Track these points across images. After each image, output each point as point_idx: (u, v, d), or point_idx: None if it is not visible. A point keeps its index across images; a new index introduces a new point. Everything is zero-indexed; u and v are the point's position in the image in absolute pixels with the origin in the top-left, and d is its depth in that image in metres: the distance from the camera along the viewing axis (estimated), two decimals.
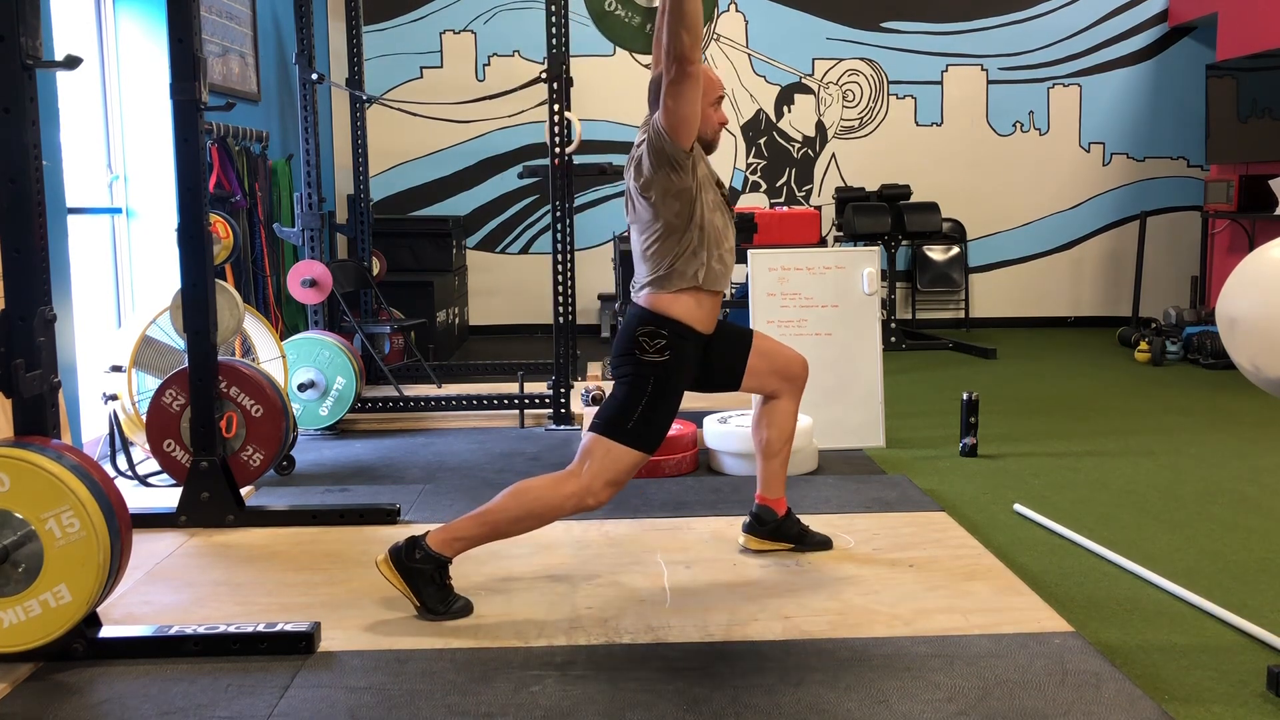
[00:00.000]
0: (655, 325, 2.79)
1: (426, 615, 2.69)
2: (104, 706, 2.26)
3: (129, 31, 4.96)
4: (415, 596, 2.70)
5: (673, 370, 2.79)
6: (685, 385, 2.87)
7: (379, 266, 6.74)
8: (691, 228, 2.78)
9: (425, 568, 2.69)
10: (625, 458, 2.75)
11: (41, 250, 2.48)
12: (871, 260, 4.56)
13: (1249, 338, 2.25)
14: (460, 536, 2.72)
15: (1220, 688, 2.33)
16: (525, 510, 2.71)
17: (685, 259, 2.78)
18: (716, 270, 2.84)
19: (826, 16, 8.17)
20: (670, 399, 2.81)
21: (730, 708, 2.22)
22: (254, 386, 3.69)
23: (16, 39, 2.39)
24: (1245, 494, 3.81)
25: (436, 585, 2.71)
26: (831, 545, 3.18)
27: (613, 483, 2.75)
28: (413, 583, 2.70)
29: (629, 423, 2.75)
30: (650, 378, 2.78)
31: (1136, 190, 8.33)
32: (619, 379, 2.83)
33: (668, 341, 2.78)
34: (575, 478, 2.73)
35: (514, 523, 2.73)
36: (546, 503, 2.71)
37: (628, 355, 2.81)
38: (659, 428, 2.80)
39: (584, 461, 2.75)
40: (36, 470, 2.35)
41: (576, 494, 2.72)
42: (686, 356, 2.84)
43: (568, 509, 2.73)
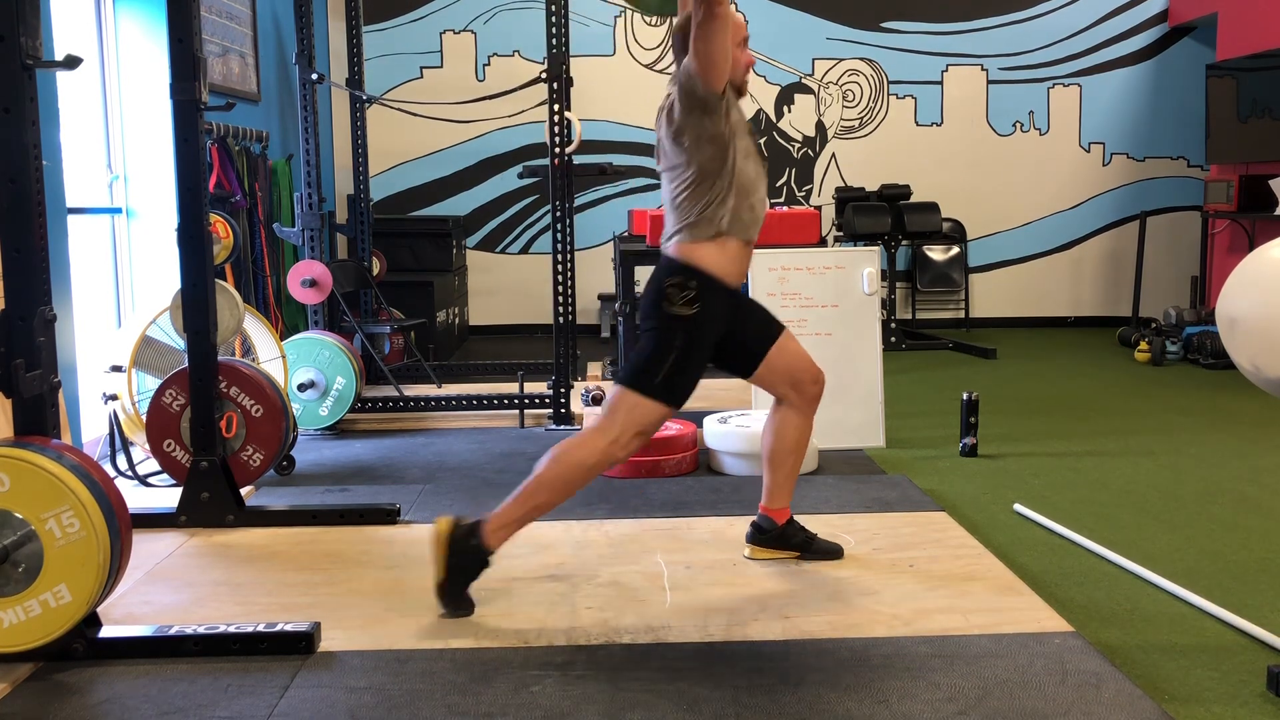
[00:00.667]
0: (684, 276, 2.74)
1: (441, 598, 2.68)
2: (104, 706, 2.26)
3: (129, 31, 4.96)
4: (445, 576, 2.68)
5: (703, 323, 2.75)
6: (715, 338, 2.82)
7: (379, 266, 6.74)
8: (724, 174, 2.73)
9: (473, 559, 2.69)
10: (652, 412, 2.73)
11: (41, 250, 2.48)
12: (871, 260, 4.56)
13: (1249, 338, 2.25)
14: (506, 523, 2.71)
15: (1220, 688, 2.33)
16: (560, 478, 2.70)
17: (715, 206, 2.73)
18: (746, 219, 2.79)
19: (826, 16, 8.17)
20: (700, 353, 2.77)
21: (730, 708, 2.22)
22: (254, 386, 3.69)
23: (16, 39, 2.39)
24: (1245, 494, 3.81)
25: (466, 580, 2.70)
26: (842, 554, 3.12)
27: (640, 434, 2.74)
28: (453, 562, 2.68)
29: (656, 377, 2.72)
30: (679, 331, 2.73)
31: (1136, 190, 8.33)
32: (646, 331, 2.78)
33: (696, 293, 2.73)
34: (603, 433, 2.72)
35: (550, 490, 2.71)
36: (578, 464, 2.70)
37: (655, 308, 2.76)
38: (687, 382, 2.77)
39: (611, 416, 2.73)
40: (36, 470, 2.35)
41: (605, 448, 2.71)
42: (716, 309, 2.78)
43: (598, 468, 2.72)
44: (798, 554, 3.10)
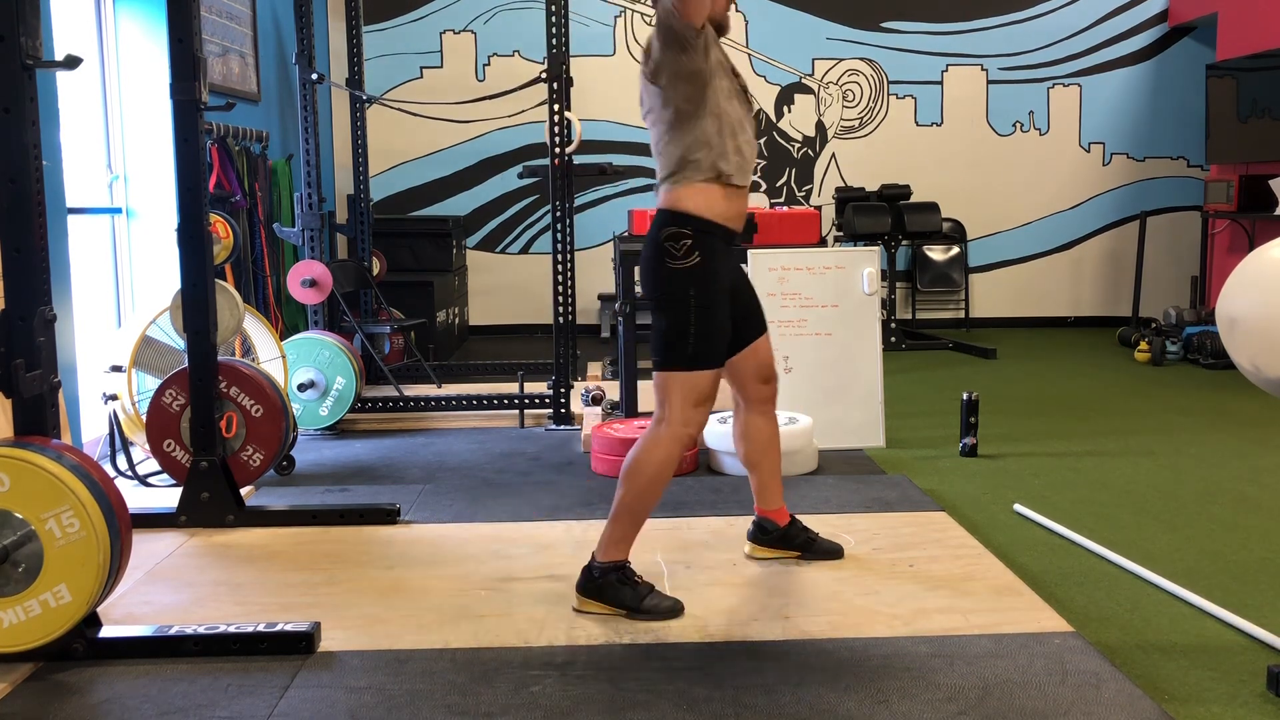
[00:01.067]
0: (678, 225, 2.66)
1: (640, 616, 2.66)
2: (104, 706, 2.26)
3: (129, 31, 4.96)
4: (618, 606, 2.68)
5: (709, 272, 2.67)
6: (727, 285, 2.74)
7: (379, 266, 6.74)
8: (705, 114, 2.64)
9: (609, 579, 2.69)
10: (701, 380, 2.68)
11: (41, 250, 2.48)
12: (871, 260, 4.56)
13: (1249, 338, 2.24)
14: (610, 538, 2.72)
15: (1220, 688, 2.33)
16: (643, 478, 2.68)
17: (701, 148, 2.65)
18: (734, 160, 2.69)
19: (826, 16, 8.17)
20: (718, 300, 2.69)
21: (730, 708, 2.22)
22: (254, 386, 3.69)
23: (16, 39, 2.39)
24: (1245, 494, 3.81)
25: (629, 587, 2.69)
26: (843, 554, 3.11)
27: (699, 404, 2.69)
28: (606, 597, 2.69)
29: (688, 346, 2.66)
30: (689, 287, 2.65)
31: (1136, 190, 8.33)
32: (656, 304, 2.70)
33: (694, 241, 2.65)
34: (664, 424, 2.69)
35: (641, 494, 2.69)
36: (655, 460, 2.68)
37: (657, 272, 2.68)
38: (719, 335, 2.70)
39: (663, 405, 2.69)
40: (36, 470, 2.35)
41: (674, 438, 2.68)
42: (718, 254, 2.69)
43: (674, 454, 2.68)
44: (799, 554, 3.09)
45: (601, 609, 2.70)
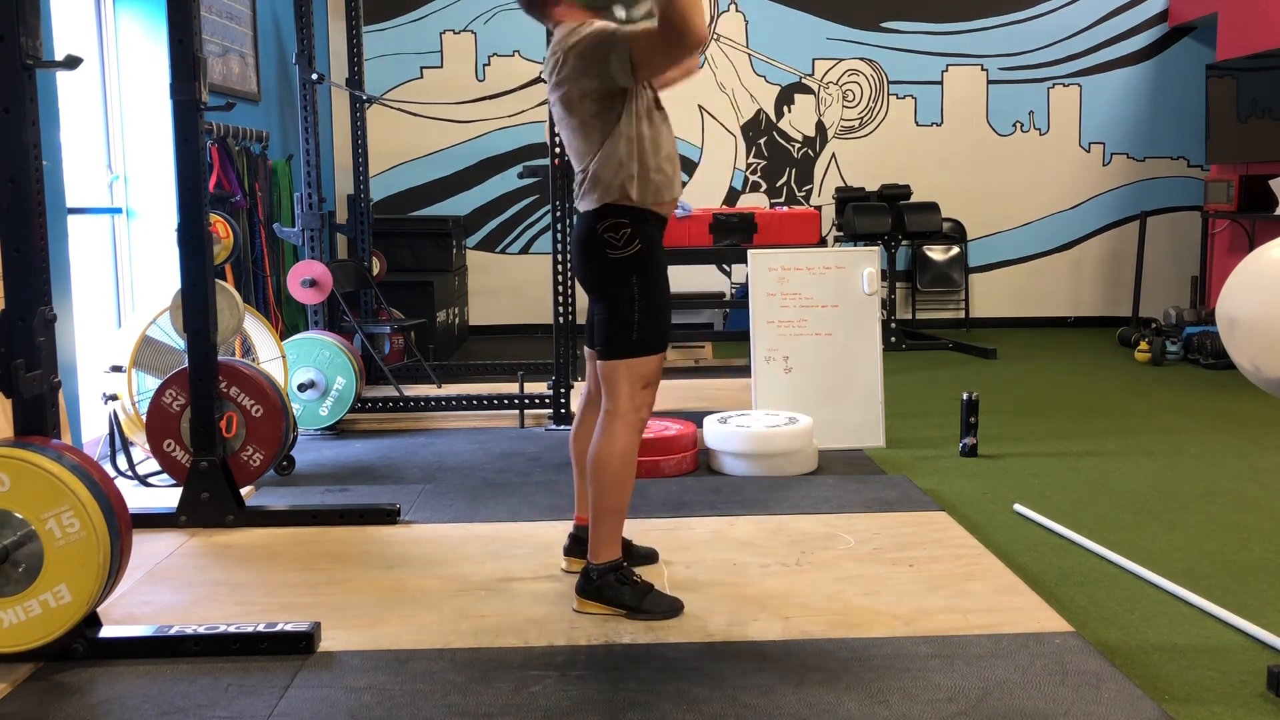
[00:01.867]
0: (613, 216, 2.65)
1: (639, 616, 2.67)
2: (104, 706, 2.26)
3: (129, 31, 4.96)
4: (617, 606, 2.70)
5: (649, 258, 2.69)
6: (666, 266, 2.75)
7: (379, 266, 6.74)
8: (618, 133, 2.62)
9: (606, 579, 2.71)
10: (646, 366, 2.70)
11: (41, 250, 2.48)
12: (871, 260, 4.56)
13: (1249, 338, 2.24)
14: (599, 539, 2.73)
15: (1220, 688, 2.33)
16: (612, 473, 2.70)
17: (616, 167, 2.63)
18: (656, 180, 2.67)
19: (826, 16, 8.17)
20: (660, 286, 2.71)
21: (730, 708, 2.22)
22: (254, 386, 3.69)
23: (16, 39, 2.39)
24: (1245, 494, 3.81)
25: (629, 587, 2.71)
26: (657, 559, 3.07)
27: (645, 388, 2.72)
28: (606, 597, 2.71)
29: (632, 334, 2.68)
30: (631, 274, 2.67)
31: (1136, 190, 8.33)
32: (598, 299, 2.71)
33: (633, 229, 2.66)
34: (614, 413, 2.71)
35: (616, 492, 2.71)
36: (617, 452, 2.69)
37: (598, 266, 2.68)
38: (664, 322, 2.72)
39: (611, 392, 2.71)
40: (36, 470, 2.35)
41: (628, 425, 2.70)
42: (656, 240, 2.71)
43: (633, 441, 2.71)
44: None
45: (601, 609, 2.71)
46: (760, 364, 4.53)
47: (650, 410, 2.77)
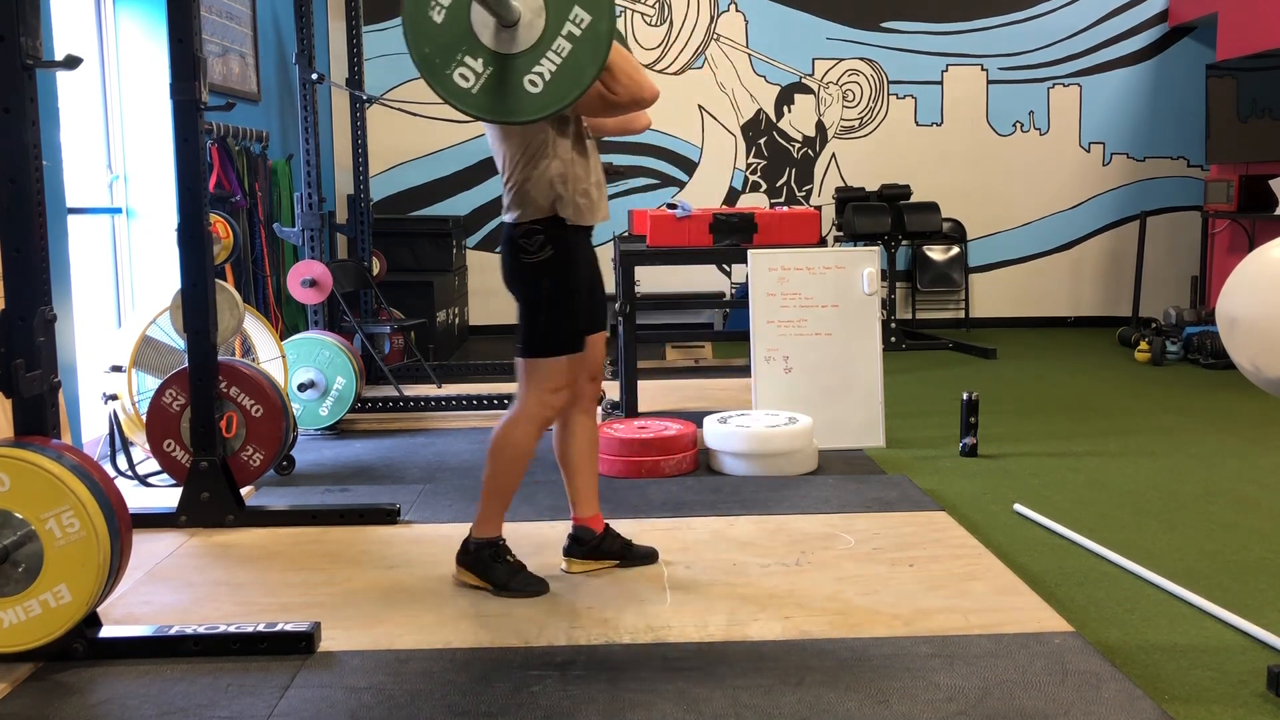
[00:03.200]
0: (529, 224, 2.76)
1: (504, 594, 2.82)
2: (104, 706, 2.26)
3: (129, 31, 4.96)
4: (487, 581, 2.86)
5: (562, 263, 2.79)
6: (585, 278, 2.85)
7: (379, 266, 6.74)
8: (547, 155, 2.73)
9: (482, 554, 2.87)
10: (556, 366, 2.83)
11: (41, 250, 2.48)
12: (871, 260, 4.56)
13: (1249, 338, 2.24)
14: (482, 515, 2.90)
15: (1220, 688, 2.33)
16: (503, 457, 2.86)
17: (545, 189, 2.74)
18: (581, 204, 2.79)
19: (826, 16, 8.17)
20: (574, 293, 2.81)
21: (730, 708, 2.22)
22: (254, 386, 3.69)
23: (16, 39, 2.39)
24: (1245, 494, 3.81)
25: (501, 563, 2.87)
26: (657, 558, 3.10)
27: (555, 389, 2.85)
28: (478, 570, 2.87)
29: (544, 336, 2.81)
30: (544, 278, 2.78)
31: (1136, 190, 8.33)
32: (519, 299, 2.83)
33: (545, 236, 2.76)
34: (521, 405, 2.85)
35: (502, 473, 2.87)
36: (512, 440, 2.85)
37: (514, 269, 2.80)
38: (574, 326, 2.83)
39: (523, 386, 2.86)
40: (36, 470, 2.35)
41: (529, 419, 2.84)
42: (574, 249, 2.82)
43: (530, 433, 2.85)
44: (617, 562, 3.05)
45: (474, 580, 2.88)
46: (760, 364, 4.53)
47: (556, 412, 2.90)
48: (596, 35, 2.46)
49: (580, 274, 2.85)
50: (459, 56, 2.48)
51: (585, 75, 2.49)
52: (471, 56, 2.49)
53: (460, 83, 2.50)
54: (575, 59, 2.47)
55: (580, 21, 2.46)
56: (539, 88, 2.49)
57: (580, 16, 2.46)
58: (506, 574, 2.85)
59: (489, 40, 2.48)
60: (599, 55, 2.48)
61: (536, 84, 2.49)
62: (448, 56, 2.48)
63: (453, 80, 2.49)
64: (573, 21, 2.46)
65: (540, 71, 2.48)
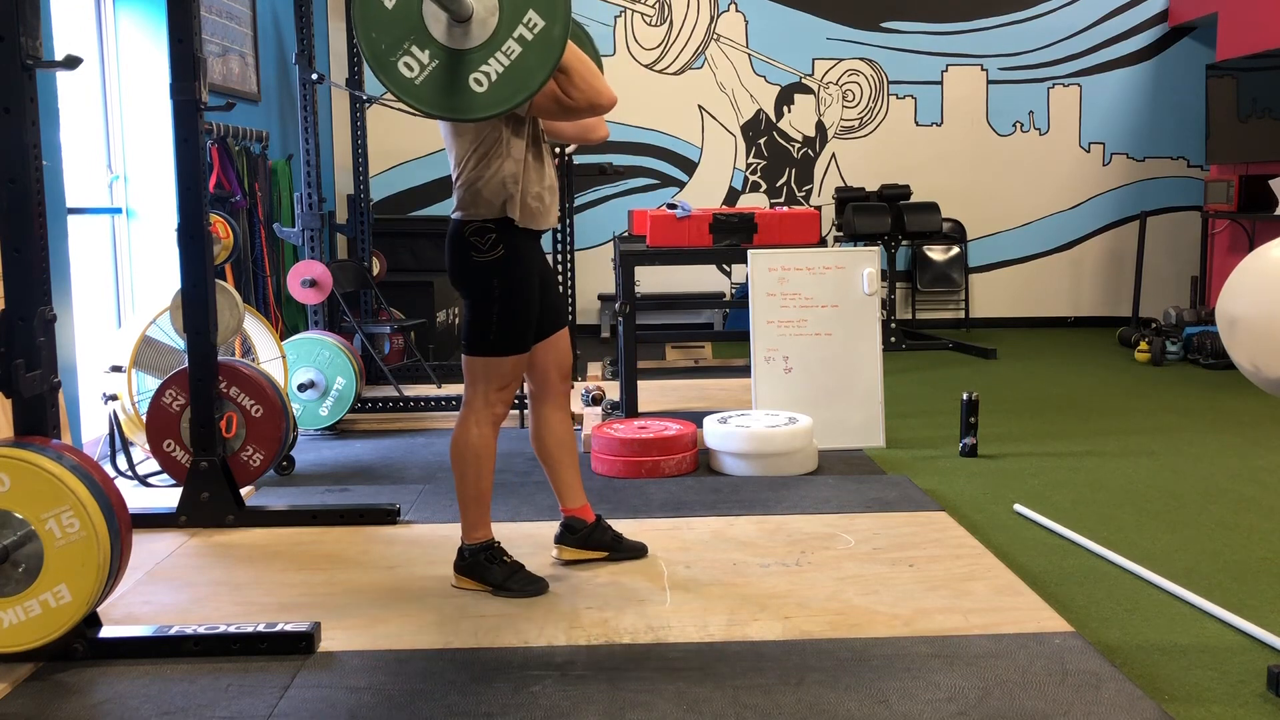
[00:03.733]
0: (480, 222, 2.76)
1: (503, 593, 2.83)
2: (104, 706, 2.26)
3: (129, 31, 4.96)
4: (486, 583, 2.86)
5: (512, 263, 2.78)
6: (535, 280, 2.84)
7: (379, 266, 6.74)
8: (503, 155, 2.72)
9: (477, 559, 2.88)
10: (503, 365, 2.85)
11: (41, 250, 2.48)
12: (871, 260, 4.56)
13: (1249, 338, 2.25)
14: (466, 522, 2.92)
15: (1220, 688, 2.33)
16: (465, 462, 2.89)
17: (497, 188, 2.74)
18: (534, 207, 2.79)
19: (826, 16, 8.17)
20: (522, 294, 2.81)
21: (730, 708, 2.22)
22: (254, 386, 3.69)
23: (16, 39, 2.39)
24: (1245, 494, 3.81)
25: (498, 565, 2.87)
26: (646, 553, 3.13)
27: (501, 389, 2.87)
28: (476, 575, 2.87)
29: (490, 333, 2.81)
30: (493, 278, 2.78)
31: (1136, 190, 8.33)
32: (465, 298, 2.83)
33: (498, 235, 2.75)
34: (469, 405, 2.88)
35: (470, 477, 2.89)
36: (469, 443, 2.87)
37: (463, 265, 2.79)
38: (522, 326, 2.84)
39: (470, 386, 2.88)
40: (36, 470, 2.35)
41: (477, 418, 2.87)
42: (523, 251, 2.81)
43: (485, 433, 2.88)
44: (606, 553, 3.09)
45: (472, 585, 2.88)
46: (760, 364, 4.53)
47: (505, 409, 2.92)
48: (549, 40, 2.45)
49: (530, 274, 2.84)
50: (406, 46, 2.47)
51: (534, 79, 2.48)
52: (419, 47, 2.47)
53: (404, 72, 2.48)
54: (525, 61, 2.46)
55: (533, 25, 2.45)
56: (484, 87, 2.48)
57: (534, 20, 2.45)
58: (503, 574, 2.86)
59: (439, 34, 2.47)
60: (549, 60, 2.47)
61: (482, 83, 2.47)
62: (395, 45, 2.47)
63: (397, 69, 2.48)
64: (525, 24, 2.46)
65: (488, 71, 2.47)
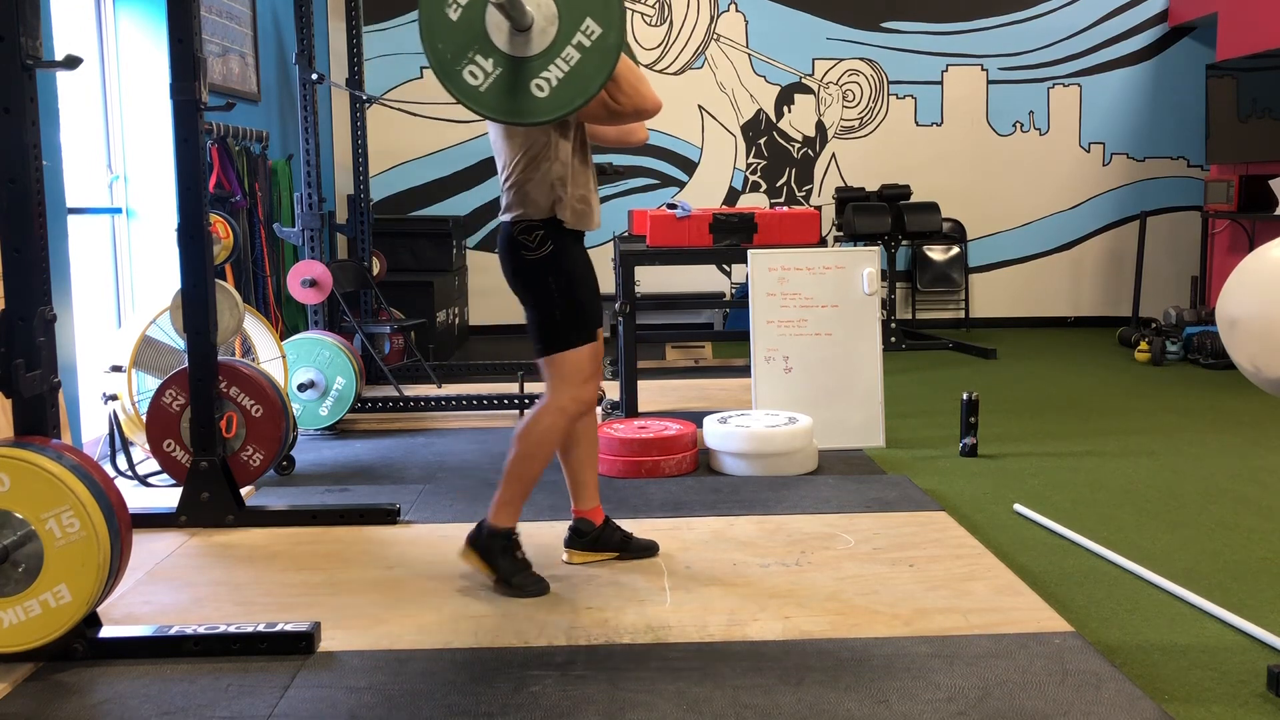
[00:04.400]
0: (528, 223, 2.81)
1: (505, 590, 2.83)
2: (104, 706, 2.26)
3: (129, 31, 4.96)
4: (491, 570, 2.86)
5: (562, 257, 2.82)
6: (587, 270, 2.88)
7: (379, 266, 6.74)
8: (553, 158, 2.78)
9: (493, 543, 2.86)
10: (579, 357, 2.85)
11: (41, 250, 2.48)
12: (871, 260, 4.56)
13: (1249, 338, 2.25)
14: (500, 501, 2.90)
15: (1220, 688, 2.33)
16: (528, 445, 2.86)
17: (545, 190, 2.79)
18: (580, 209, 2.84)
19: (826, 16, 8.17)
20: (582, 280, 2.86)
21: (730, 708, 2.22)
22: (254, 386, 3.69)
23: (16, 39, 2.39)
24: (1245, 494, 3.81)
25: (508, 557, 2.87)
26: (657, 551, 3.14)
27: (585, 381, 2.87)
28: (486, 557, 2.87)
29: (560, 329, 2.83)
30: (548, 275, 2.82)
31: (1136, 190, 8.33)
32: (525, 301, 2.88)
33: (545, 232, 2.80)
34: (552, 398, 2.87)
35: (527, 461, 2.86)
36: (541, 431, 2.86)
37: (517, 264, 2.83)
38: (587, 315, 2.86)
39: (550, 383, 2.88)
40: (36, 470, 2.35)
41: (560, 411, 2.86)
42: (572, 247, 2.86)
43: (561, 425, 2.87)
44: (616, 554, 3.10)
45: (477, 564, 2.89)
46: (760, 364, 4.53)
47: (588, 405, 2.92)
48: (605, 47, 2.52)
49: (582, 263, 2.89)
50: (470, 55, 2.55)
51: (592, 84, 2.55)
52: (483, 56, 2.55)
53: (470, 80, 2.56)
54: (583, 67, 2.53)
55: (591, 33, 2.52)
56: (545, 92, 2.55)
57: (591, 28, 2.52)
58: (511, 568, 2.86)
59: (502, 43, 2.54)
60: (606, 66, 2.53)
61: (543, 88, 2.55)
62: (459, 54, 2.55)
63: (462, 77, 2.56)
64: (584, 32, 2.53)
65: (548, 77, 2.54)
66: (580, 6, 2.51)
